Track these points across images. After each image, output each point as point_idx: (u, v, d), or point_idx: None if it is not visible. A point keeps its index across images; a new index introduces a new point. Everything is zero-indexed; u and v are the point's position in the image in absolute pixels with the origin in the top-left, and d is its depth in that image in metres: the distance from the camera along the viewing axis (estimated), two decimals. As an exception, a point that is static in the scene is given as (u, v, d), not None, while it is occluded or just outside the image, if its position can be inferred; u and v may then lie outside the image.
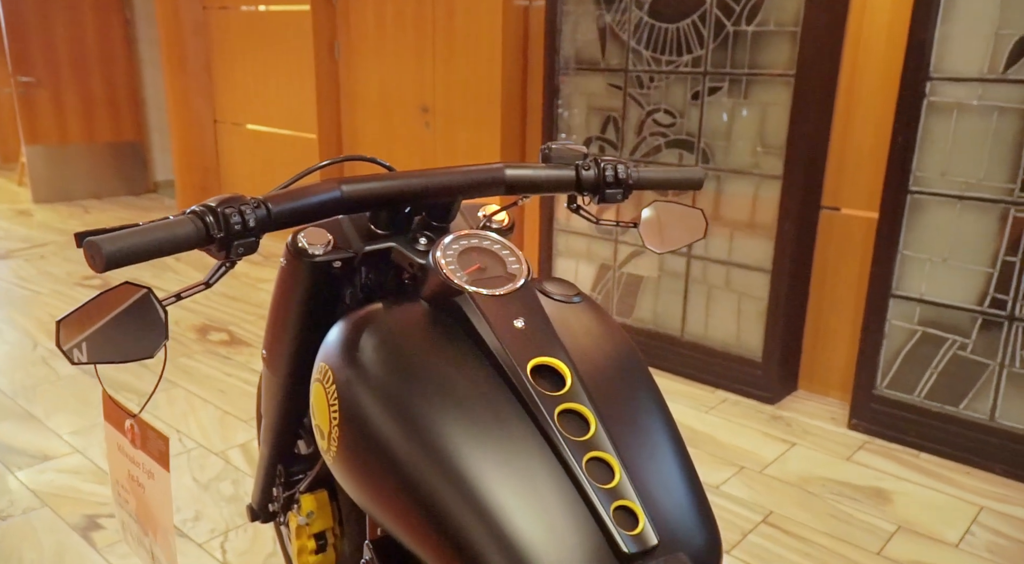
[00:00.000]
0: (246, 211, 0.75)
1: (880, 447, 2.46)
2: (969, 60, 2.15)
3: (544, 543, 0.65)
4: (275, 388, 1.06)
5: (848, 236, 2.65)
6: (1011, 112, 2.11)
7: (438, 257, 0.82)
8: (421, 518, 0.69)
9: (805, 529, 2.02)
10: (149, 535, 0.77)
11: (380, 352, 0.76)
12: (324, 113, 4.47)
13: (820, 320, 2.78)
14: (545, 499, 0.67)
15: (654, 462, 0.72)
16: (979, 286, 2.25)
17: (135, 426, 0.77)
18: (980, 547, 1.95)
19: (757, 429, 2.58)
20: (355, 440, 0.74)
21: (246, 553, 1.89)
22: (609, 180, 0.99)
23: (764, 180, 2.64)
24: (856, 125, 2.56)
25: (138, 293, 0.72)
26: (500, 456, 0.69)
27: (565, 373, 0.74)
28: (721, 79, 2.67)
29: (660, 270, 3.00)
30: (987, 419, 2.28)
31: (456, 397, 0.72)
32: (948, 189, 2.25)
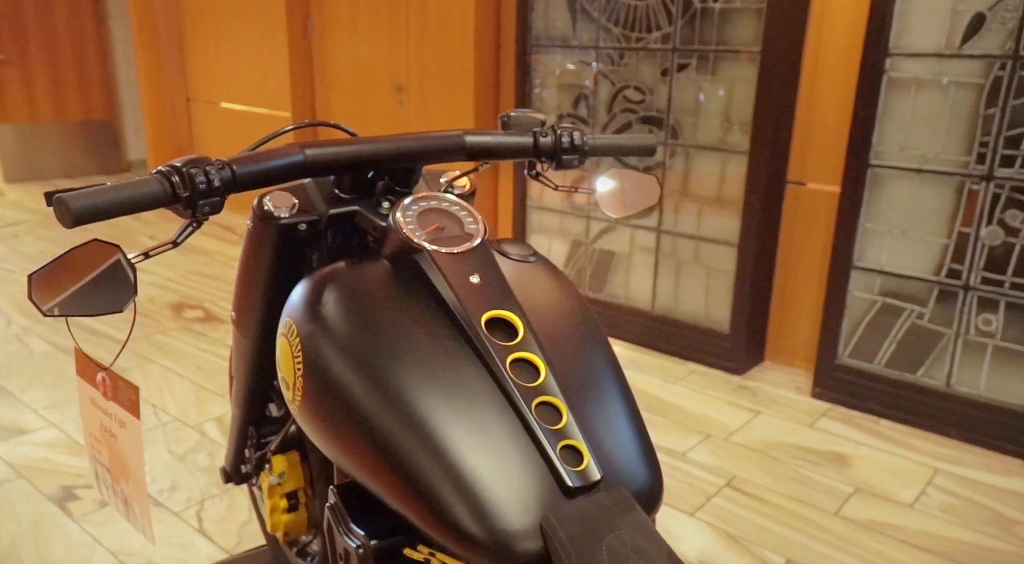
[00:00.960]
0: (211, 171, 0.78)
1: (842, 414, 2.55)
2: (927, 36, 2.21)
3: (495, 479, 0.69)
4: (245, 349, 1.10)
5: (813, 210, 2.71)
6: (966, 87, 2.18)
7: (398, 217, 0.86)
8: (381, 461, 0.73)
9: (766, 492, 2.09)
10: (122, 482, 0.81)
11: (341, 306, 0.80)
12: (298, 91, 4.45)
13: (786, 293, 2.85)
14: (496, 440, 0.71)
15: (600, 406, 0.77)
16: (936, 257, 2.32)
17: (106, 379, 0.80)
18: (933, 507, 2.04)
19: (724, 399, 2.65)
20: (318, 389, 0.78)
21: (222, 521, 1.92)
22: (565, 146, 1.03)
23: (731, 155, 2.69)
24: (820, 101, 2.61)
25: (108, 249, 0.75)
26: (455, 401, 0.73)
27: (517, 325, 0.79)
28: (689, 56, 2.70)
29: (631, 245, 3.05)
30: (943, 386, 2.37)
31: (414, 347, 0.76)
32: (907, 163, 2.32)
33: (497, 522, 0.67)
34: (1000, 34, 2.09)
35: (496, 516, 0.68)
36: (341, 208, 0.96)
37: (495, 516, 0.68)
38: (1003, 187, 2.16)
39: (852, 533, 1.92)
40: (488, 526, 0.67)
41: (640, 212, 1.11)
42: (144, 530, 0.81)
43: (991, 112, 2.14)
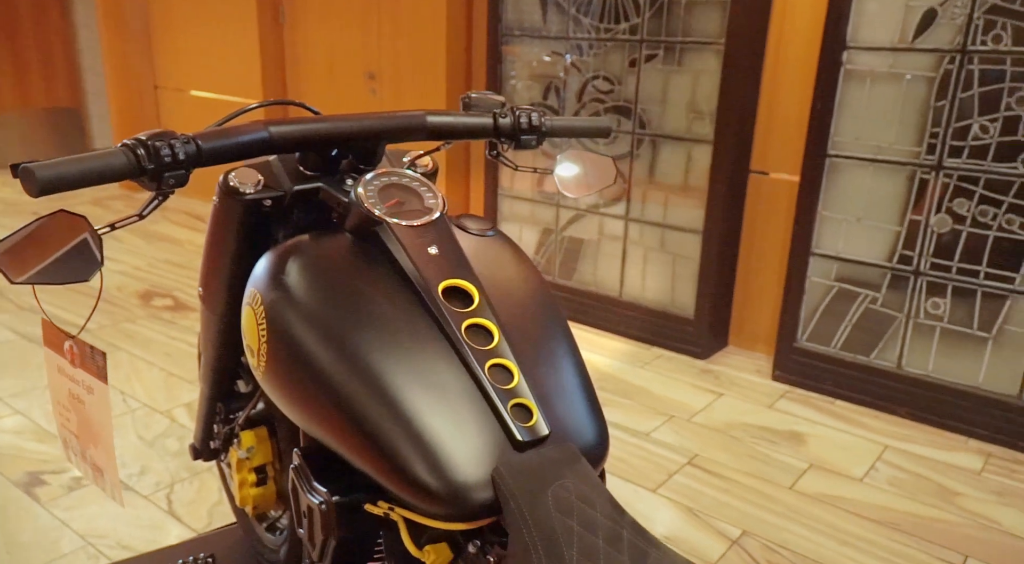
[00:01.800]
0: (176, 145, 0.81)
1: (799, 395, 2.63)
2: (882, 30, 2.28)
3: (450, 435, 0.73)
4: (212, 325, 1.13)
5: (774, 199, 2.79)
6: (919, 79, 2.26)
7: (360, 191, 0.89)
8: (343, 420, 0.77)
9: (726, 469, 2.17)
10: (90, 448, 0.83)
11: (304, 275, 0.84)
12: (269, 79, 4.44)
13: (749, 279, 2.92)
14: (452, 399, 0.76)
15: (550, 368, 0.82)
16: (889, 244, 2.41)
17: (74, 346, 0.83)
18: (882, 481, 2.13)
19: (688, 382, 2.72)
20: (282, 355, 0.82)
21: (192, 503, 1.95)
22: (524, 127, 1.08)
23: (697, 145, 2.76)
24: (781, 93, 2.68)
25: (74, 220, 0.78)
26: (412, 363, 0.77)
27: (473, 293, 0.83)
28: (657, 47, 2.76)
29: (599, 233, 3.11)
30: (894, 367, 2.46)
31: (374, 313, 0.80)
32: (862, 153, 2.40)
33: (451, 474, 0.72)
34: (950, 29, 2.17)
35: (450, 469, 0.72)
36: (305, 185, 0.99)
37: (450, 469, 0.72)
38: (951, 176, 2.25)
39: (805, 506, 2.00)
40: (443, 478, 0.72)
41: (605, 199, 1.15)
42: (113, 494, 0.84)
43: (941, 104, 2.23)
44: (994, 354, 2.28)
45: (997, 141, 2.16)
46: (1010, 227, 2.18)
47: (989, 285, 2.25)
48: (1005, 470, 2.19)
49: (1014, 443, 2.27)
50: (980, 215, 2.22)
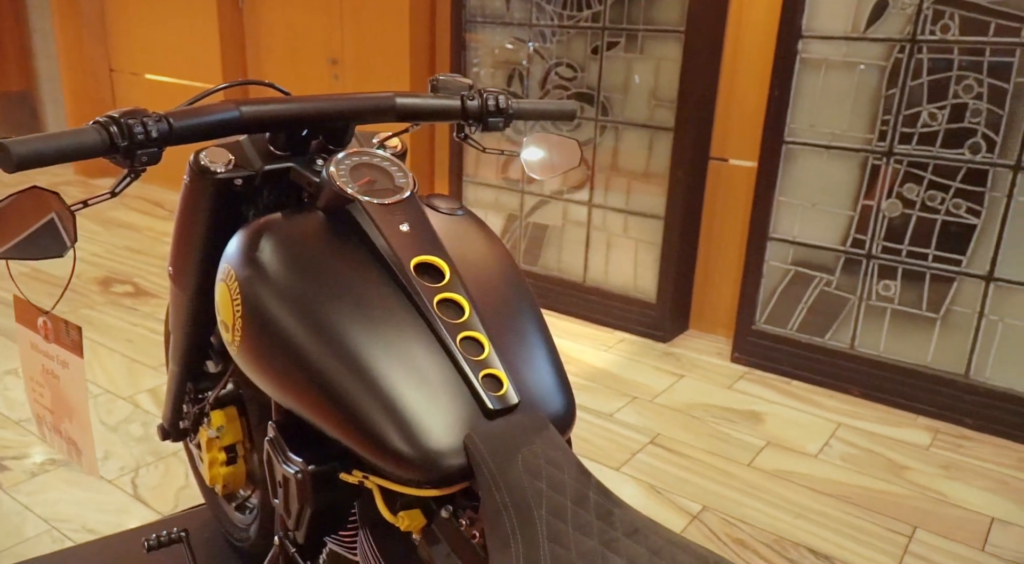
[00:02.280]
0: (148, 123, 0.82)
1: (758, 376, 2.71)
2: (836, 20, 2.35)
3: (423, 404, 0.76)
4: (182, 304, 1.13)
5: (734, 185, 2.85)
6: (871, 68, 2.33)
7: (332, 170, 0.91)
8: (318, 391, 0.79)
9: (686, 447, 2.23)
10: (65, 422, 0.84)
11: (278, 251, 0.85)
12: (229, 64, 4.37)
13: (709, 264, 2.99)
14: (424, 370, 0.78)
15: (519, 341, 0.85)
16: (842, 228, 2.49)
17: (48, 322, 0.83)
18: (835, 456, 2.21)
19: (650, 364, 2.78)
20: (257, 329, 0.83)
21: (158, 487, 1.94)
22: (491, 109, 1.10)
23: (658, 132, 2.81)
24: (740, 81, 2.74)
25: (48, 197, 0.78)
26: (386, 336, 0.79)
27: (444, 269, 0.86)
28: (618, 34, 2.80)
29: (563, 219, 3.14)
30: (847, 348, 2.55)
31: (347, 288, 0.82)
32: (817, 139, 2.47)
33: (425, 441, 0.74)
34: (900, 19, 2.25)
35: (424, 436, 0.75)
36: (276, 165, 1.01)
37: (423, 436, 0.75)
38: (902, 162, 2.33)
39: (762, 481, 2.07)
40: (417, 445, 0.74)
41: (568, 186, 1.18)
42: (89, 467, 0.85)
43: (891, 92, 2.30)
44: (942, 334, 2.38)
45: (945, 128, 2.24)
46: (957, 211, 2.28)
47: (937, 267, 2.34)
48: (952, 445, 2.29)
49: (960, 420, 2.38)
50: (929, 200, 2.31)
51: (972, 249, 2.27)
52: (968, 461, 2.21)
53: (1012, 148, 2.16)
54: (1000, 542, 1.86)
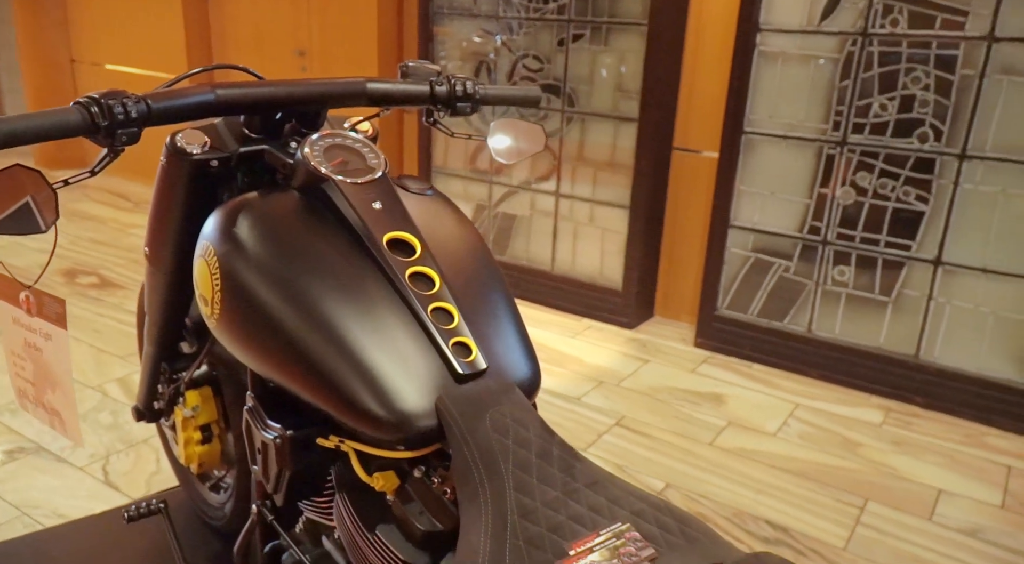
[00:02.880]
0: (128, 104, 0.85)
1: (720, 360, 2.79)
2: (791, 13, 2.43)
3: (397, 370, 0.80)
4: (158, 283, 1.16)
5: (696, 174, 2.93)
6: (825, 61, 2.42)
7: (306, 151, 0.95)
8: (297, 360, 0.83)
9: (651, 428, 2.30)
10: (48, 393, 0.86)
11: (256, 227, 0.89)
12: (194, 54, 4.33)
13: (673, 252, 3.07)
14: (398, 338, 0.82)
15: (486, 311, 0.89)
16: (799, 215, 2.58)
17: (30, 297, 0.86)
18: (793, 435, 2.30)
19: (616, 350, 2.85)
20: (236, 302, 0.87)
21: (129, 473, 1.95)
22: (459, 94, 1.14)
23: (623, 123, 2.87)
24: (701, 73, 2.82)
25: (31, 175, 0.81)
26: (361, 307, 0.84)
27: (415, 244, 0.90)
28: (584, 27, 2.85)
29: (531, 209, 3.19)
30: (805, 331, 2.64)
31: (323, 261, 0.86)
32: (775, 130, 2.55)
33: (399, 404, 0.79)
34: (852, 13, 2.34)
35: (398, 399, 0.79)
36: (251, 147, 1.04)
37: (398, 399, 0.79)
38: (855, 152, 2.43)
39: (724, 459, 2.15)
40: (391, 408, 0.79)
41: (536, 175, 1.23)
42: (73, 436, 0.87)
43: (845, 84, 2.39)
44: (893, 317, 2.48)
45: (895, 118, 2.34)
46: (907, 198, 2.37)
47: (889, 253, 2.44)
48: (902, 422, 2.40)
49: (910, 398, 2.48)
50: (880, 187, 2.41)
51: (921, 235, 2.37)
52: (918, 437, 2.31)
53: (958, 137, 2.26)
54: (946, 512, 1.96)
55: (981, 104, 2.21)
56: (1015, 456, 2.23)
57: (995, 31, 2.15)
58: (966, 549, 1.82)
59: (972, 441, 2.30)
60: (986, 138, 2.22)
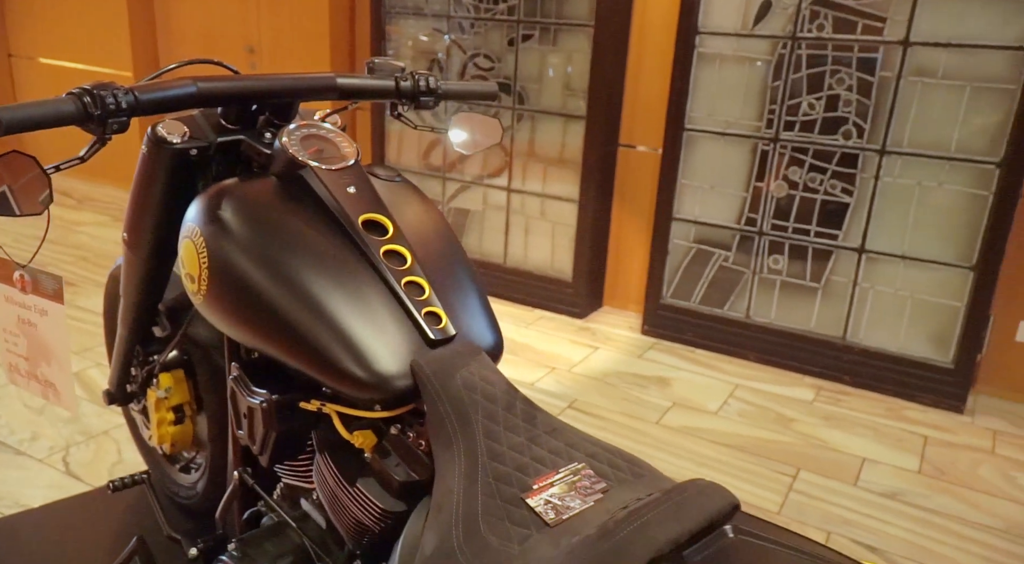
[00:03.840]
0: (118, 95, 0.92)
1: (666, 346, 2.94)
2: (727, 18, 2.58)
3: (375, 337, 0.89)
4: (135, 267, 1.21)
5: (641, 170, 3.07)
6: (759, 62, 2.58)
7: (284, 140, 1.02)
8: (282, 330, 0.91)
9: (602, 410, 2.42)
10: (42, 366, 0.92)
11: (239, 210, 0.96)
12: (140, 50, 4.29)
13: (621, 244, 3.20)
14: (375, 308, 0.91)
15: (454, 285, 0.99)
16: (737, 208, 2.74)
17: (25, 275, 0.91)
18: (733, 413, 2.45)
19: (567, 338, 2.97)
20: (222, 278, 0.94)
21: (90, 464, 1.98)
22: (422, 89, 1.23)
23: (571, 120, 2.99)
24: (645, 72, 2.96)
25: (25, 160, 0.87)
26: (339, 280, 0.92)
27: (387, 225, 0.99)
28: (533, 27, 2.96)
29: (484, 203, 3.29)
30: (744, 317, 2.81)
31: (303, 240, 0.94)
32: (714, 127, 2.71)
33: (378, 366, 0.88)
34: (782, 18, 2.50)
35: (377, 363, 0.88)
36: (228, 137, 1.11)
37: (376, 362, 0.88)
38: (786, 148, 2.59)
39: (669, 437, 2.28)
40: (371, 370, 0.88)
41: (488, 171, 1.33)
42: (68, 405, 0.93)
43: (776, 84, 2.56)
44: (823, 302, 2.66)
45: (822, 117, 2.51)
46: (833, 191, 2.55)
47: (818, 242, 2.62)
48: (832, 400, 2.58)
49: (839, 377, 2.67)
50: (810, 181, 2.58)
51: (847, 225, 2.56)
52: (845, 412, 2.49)
53: (878, 134, 2.44)
54: (870, 478, 2.13)
55: (898, 103, 2.39)
56: (931, 427, 2.42)
57: (910, 36, 2.34)
58: (887, 510, 1.99)
59: (894, 415, 2.49)
60: (903, 135, 2.41)
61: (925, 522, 1.94)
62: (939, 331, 2.50)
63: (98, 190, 4.67)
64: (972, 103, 2.31)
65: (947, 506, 2.02)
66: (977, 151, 2.33)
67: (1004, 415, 2.52)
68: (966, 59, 2.28)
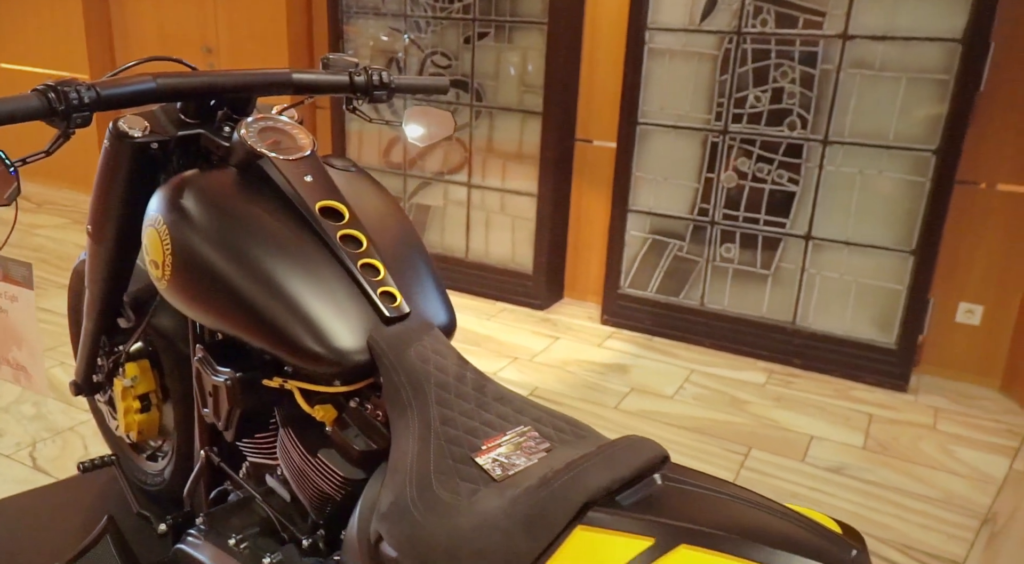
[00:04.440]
0: (81, 90, 0.96)
1: (625, 335, 3.02)
2: (675, 14, 2.68)
3: (334, 316, 0.95)
4: (100, 259, 1.25)
5: (597, 163, 3.15)
6: (706, 57, 2.67)
7: (243, 133, 1.07)
8: (245, 311, 0.95)
9: (562, 396, 2.49)
10: (12, 350, 0.95)
11: (200, 198, 1.01)
12: (96, 52, 4.26)
13: (580, 237, 3.28)
14: (333, 289, 0.97)
15: (408, 267, 1.04)
16: (690, 199, 2.84)
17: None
18: (688, 397, 2.54)
19: (529, 329, 3.04)
20: (185, 263, 0.99)
21: (57, 458, 1.99)
22: (376, 83, 1.29)
23: (528, 116, 3.06)
24: (599, 69, 3.04)
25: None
26: (299, 263, 0.97)
27: (343, 211, 1.04)
28: (488, 25, 3.02)
29: (445, 199, 3.34)
30: (698, 305, 2.90)
31: (263, 226, 0.99)
32: (666, 120, 2.80)
33: (337, 342, 0.93)
34: (728, 14, 2.60)
35: (336, 339, 0.93)
36: (188, 131, 1.15)
37: (335, 339, 0.93)
38: (735, 139, 2.69)
39: (627, 420, 2.37)
40: (331, 346, 0.93)
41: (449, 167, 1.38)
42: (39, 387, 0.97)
43: (724, 78, 2.65)
44: (773, 288, 2.77)
45: (768, 109, 2.62)
46: (780, 181, 2.66)
47: (767, 230, 2.72)
48: (783, 382, 2.68)
49: (790, 360, 2.78)
50: (758, 171, 2.69)
51: (794, 213, 2.66)
52: (795, 394, 2.60)
53: (821, 125, 2.55)
54: (817, 454, 2.23)
55: (839, 95, 2.50)
56: (876, 405, 2.54)
57: (849, 30, 2.45)
58: (832, 483, 2.09)
59: (841, 395, 2.60)
60: (845, 125, 2.52)
61: (868, 494, 2.05)
62: (882, 314, 2.62)
63: (57, 193, 4.62)
64: (909, 93, 2.43)
65: (889, 479, 2.13)
66: (914, 139, 2.45)
67: (945, 393, 2.66)
68: (902, 51, 2.40)
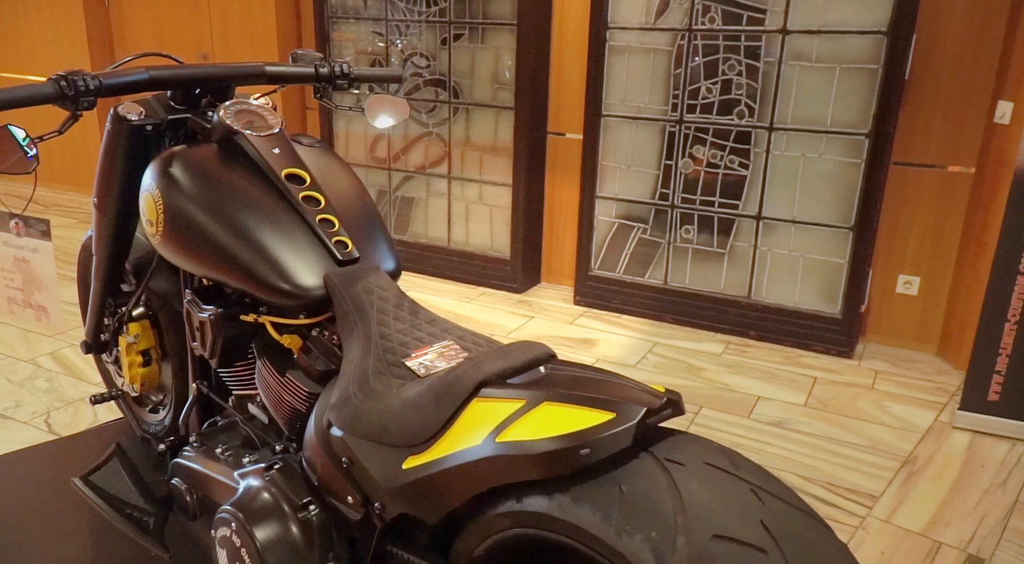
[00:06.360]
0: (87, 79, 1.18)
1: (595, 314, 3.24)
2: (632, 13, 2.89)
3: (296, 259, 1.16)
4: (105, 227, 1.47)
5: (568, 154, 3.37)
6: (662, 53, 2.89)
7: (221, 114, 1.29)
8: (224, 257, 1.17)
9: (532, 366, 2.70)
10: (35, 294, 1.17)
11: (187, 167, 1.22)
12: (97, 60, 4.49)
13: (554, 224, 3.49)
14: (295, 238, 1.18)
15: (359, 222, 1.26)
16: (651, 184, 3.05)
17: (19, 222, 1.16)
18: (649, 365, 2.75)
19: (506, 310, 3.25)
20: (174, 220, 1.20)
21: (70, 425, 2.20)
22: (338, 74, 1.50)
23: (502, 111, 3.28)
24: (566, 65, 3.25)
25: (16, 130, 1.12)
26: (268, 218, 1.19)
27: (306, 177, 1.26)
28: (462, 27, 3.24)
29: (427, 191, 3.56)
30: (662, 284, 3.11)
31: (238, 188, 1.21)
32: (627, 112, 3.01)
33: (299, 280, 1.15)
34: (680, 12, 2.81)
35: (298, 277, 1.15)
36: (177, 115, 1.37)
37: (297, 277, 1.15)
38: (690, 128, 2.91)
39: (590, 385, 2.57)
40: (294, 283, 1.14)
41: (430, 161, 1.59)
42: (56, 324, 1.18)
43: (678, 72, 2.87)
44: (729, 266, 2.98)
45: (718, 99, 2.83)
46: (732, 166, 2.87)
47: (722, 212, 2.93)
48: (738, 352, 2.89)
49: (745, 332, 2.98)
50: (712, 158, 2.90)
51: (745, 195, 2.88)
52: (749, 361, 2.81)
53: (766, 113, 2.76)
54: (762, 411, 2.44)
55: (781, 85, 2.72)
56: (822, 370, 2.75)
57: (787, 25, 2.66)
58: (773, 435, 2.30)
59: (790, 361, 2.81)
60: (787, 113, 2.73)
61: (802, 443, 2.26)
62: (827, 286, 2.83)
63: (62, 196, 4.86)
64: (843, 82, 2.64)
65: (823, 430, 2.33)
66: (849, 124, 2.66)
67: (886, 358, 2.86)
68: (835, 44, 2.62)
